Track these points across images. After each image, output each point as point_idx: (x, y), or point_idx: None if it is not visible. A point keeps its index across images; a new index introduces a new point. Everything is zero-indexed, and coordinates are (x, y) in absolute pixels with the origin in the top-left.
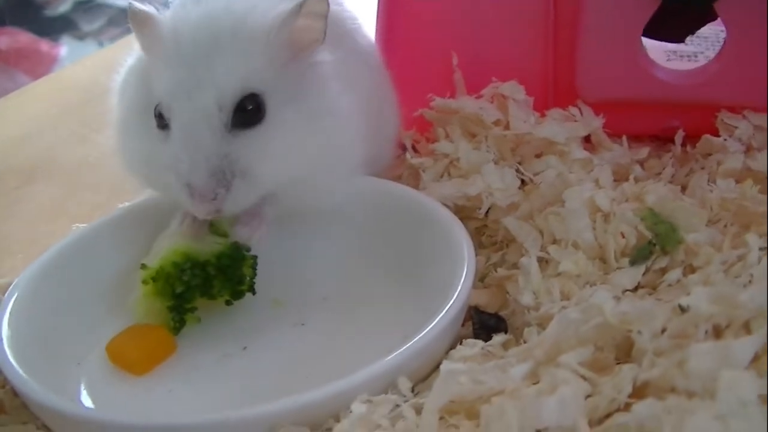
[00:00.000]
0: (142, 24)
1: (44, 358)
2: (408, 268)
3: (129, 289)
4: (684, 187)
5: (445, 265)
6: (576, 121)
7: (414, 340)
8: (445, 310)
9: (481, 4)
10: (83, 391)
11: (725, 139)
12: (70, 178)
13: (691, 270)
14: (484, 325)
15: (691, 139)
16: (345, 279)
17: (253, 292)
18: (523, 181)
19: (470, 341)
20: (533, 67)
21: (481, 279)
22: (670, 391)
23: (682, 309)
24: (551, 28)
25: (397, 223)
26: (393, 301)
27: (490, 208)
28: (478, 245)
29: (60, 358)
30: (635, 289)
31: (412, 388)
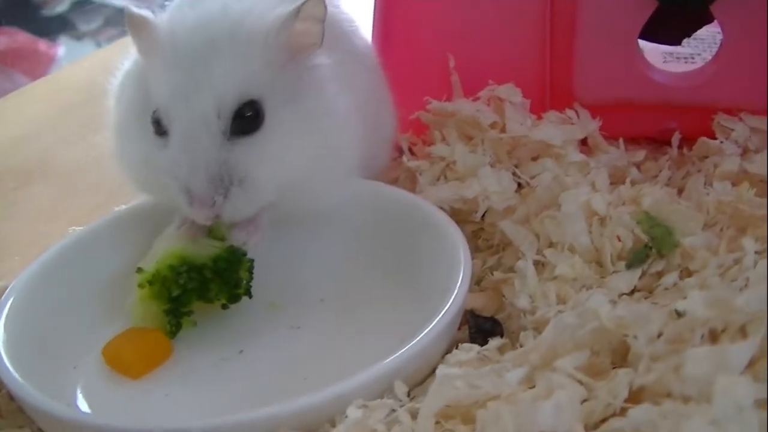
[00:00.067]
0: (139, 27)
1: (41, 361)
2: (404, 272)
3: (126, 292)
4: (681, 190)
5: (441, 269)
6: (573, 124)
7: (410, 344)
8: (441, 314)
9: (477, 6)
10: (79, 394)
11: (722, 142)
12: (68, 179)
13: (687, 274)
14: (480, 329)
15: (687, 142)
16: (341, 282)
17: (250, 295)
18: (519, 184)
19: (466, 345)
20: (530, 70)
21: (478, 282)
22: (666, 395)
23: (678, 314)
24: (548, 30)
25: (394, 227)
26: (389, 304)
27: (486, 212)
28: (475, 249)
29: (56, 361)
30: (631, 292)
31: (408, 393)
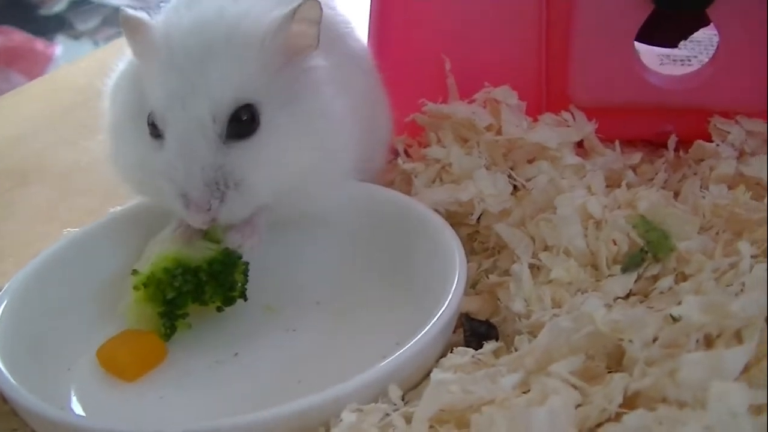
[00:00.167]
0: (134, 30)
1: (34, 363)
2: (400, 274)
3: (121, 295)
4: (677, 193)
5: (436, 272)
6: (568, 126)
7: (405, 348)
8: (437, 318)
9: (473, 8)
10: (73, 397)
11: (718, 145)
12: (65, 180)
13: (682, 278)
14: (475, 333)
15: (684, 144)
16: (337, 284)
17: (245, 298)
18: (515, 186)
19: (461, 349)
20: (526, 72)
21: (473, 285)
22: (661, 401)
23: (674, 318)
24: (544, 32)
25: (389, 229)
26: (385, 307)
27: (482, 214)
28: (470, 251)
29: (50, 363)
30: (627, 296)
31: (403, 396)
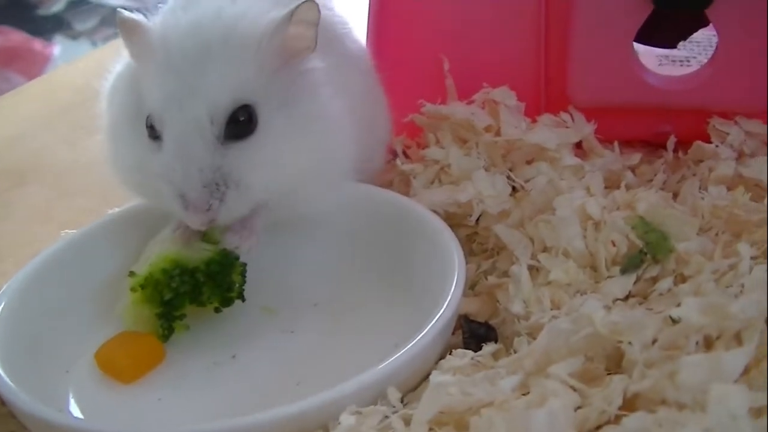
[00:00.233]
0: (131, 32)
1: (32, 365)
2: (398, 276)
3: (119, 296)
4: (676, 194)
5: (435, 273)
6: (567, 127)
7: (404, 350)
8: (435, 319)
9: (472, 9)
10: (71, 399)
11: (717, 146)
12: (62, 180)
13: (682, 279)
14: (474, 334)
15: (683, 145)
16: (335, 286)
17: (243, 299)
18: (514, 187)
19: (460, 351)
20: (525, 73)
21: (472, 287)
22: (661, 403)
23: (673, 320)
24: (543, 33)
25: (388, 231)
26: (383, 308)
27: (480, 215)
28: (469, 253)
29: (48, 365)
30: (626, 298)
31: (402, 399)
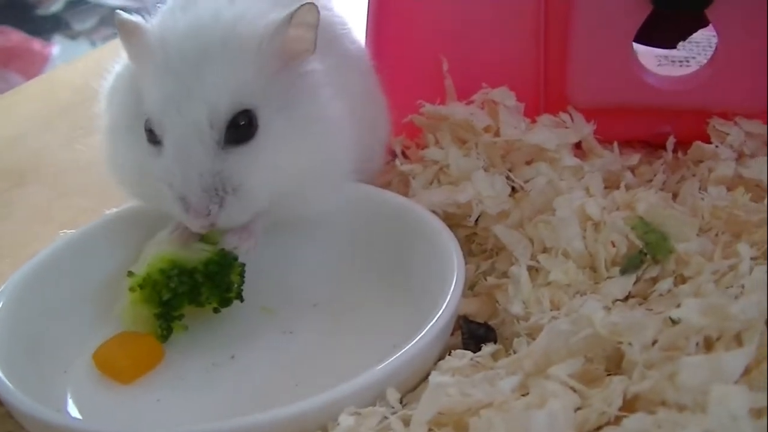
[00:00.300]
0: (130, 34)
1: (30, 365)
2: (397, 276)
3: (117, 296)
4: (675, 195)
5: (434, 274)
6: (567, 128)
7: (403, 351)
8: (434, 320)
9: (471, 9)
10: (70, 399)
11: (717, 146)
12: (61, 180)
13: (682, 280)
14: (474, 335)
15: (682, 145)
16: (334, 286)
17: (241, 299)
18: (513, 188)
19: (459, 352)
20: (524, 73)
21: (471, 287)
22: (661, 404)
23: (673, 321)
24: (542, 33)
25: (387, 231)
26: (382, 309)
27: (479, 216)
28: (468, 253)
29: (47, 365)
30: (626, 298)
31: (401, 399)
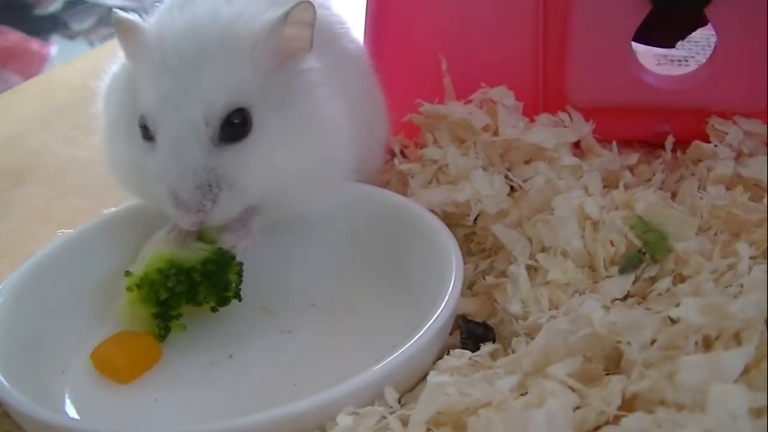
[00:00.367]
0: (126, 32)
1: (28, 365)
2: (396, 276)
3: (115, 296)
4: (674, 194)
5: (433, 273)
6: (565, 127)
7: (401, 350)
8: (433, 319)
9: (470, 8)
10: (67, 399)
11: (716, 145)
12: (60, 180)
13: (681, 279)
14: (472, 334)
15: (681, 145)
16: (333, 286)
17: (239, 298)
18: (512, 187)
19: (458, 351)
20: (523, 72)
21: (470, 287)
22: (660, 403)
23: (672, 320)
24: (541, 32)
25: (385, 230)
26: (381, 308)
27: (478, 215)
28: (467, 252)
29: (44, 365)
30: (624, 298)
31: (399, 399)
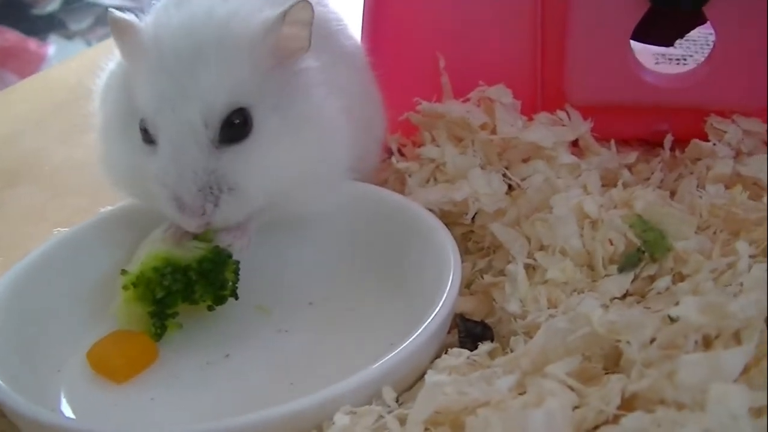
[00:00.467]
0: (122, 32)
1: (24, 364)
2: (394, 275)
3: (111, 295)
4: (673, 193)
5: (430, 272)
6: (564, 126)
7: (399, 349)
8: (431, 318)
9: (468, 6)
10: (63, 399)
11: (714, 144)
12: (56, 180)
13: (680, 278)
14: (470, 333)
15: (680, 143)
16: (330, 285)
17: (236, 297)
18: (510, 186)
19: (456, 350)
20: (521, 71)
21: (468, 285)
22: (660, 402)
23: (672, 319)
24: (539, 31)
25: (383, 229)
26: (378, 308)
27: (476, 214)
28: (465, 251)
29: (40, 364)
30: (623, 296)
31: (397, 398)
